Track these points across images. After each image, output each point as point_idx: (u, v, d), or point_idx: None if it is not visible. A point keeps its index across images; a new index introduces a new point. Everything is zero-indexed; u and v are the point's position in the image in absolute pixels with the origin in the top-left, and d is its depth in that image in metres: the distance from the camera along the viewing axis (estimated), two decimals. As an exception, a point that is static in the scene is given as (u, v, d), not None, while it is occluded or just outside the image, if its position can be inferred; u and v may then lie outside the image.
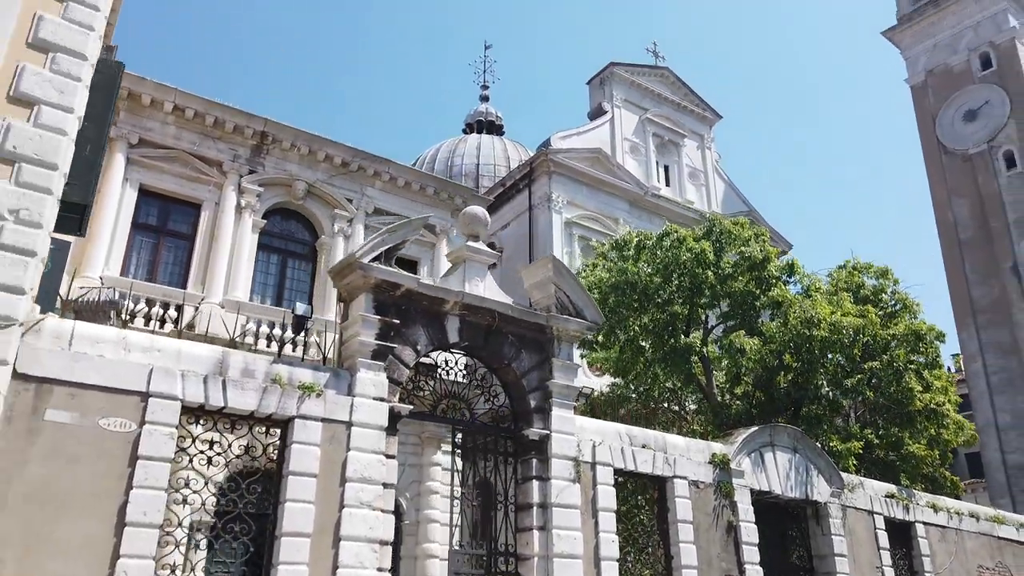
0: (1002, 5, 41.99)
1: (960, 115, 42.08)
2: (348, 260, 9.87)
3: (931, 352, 17.12)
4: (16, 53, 8.40)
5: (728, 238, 17.34)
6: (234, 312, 17.91)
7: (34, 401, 7.55)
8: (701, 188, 39.30)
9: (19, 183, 7.98)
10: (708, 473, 12.30)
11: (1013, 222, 38.68)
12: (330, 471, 8.93)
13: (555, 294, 11.41)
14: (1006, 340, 37.36)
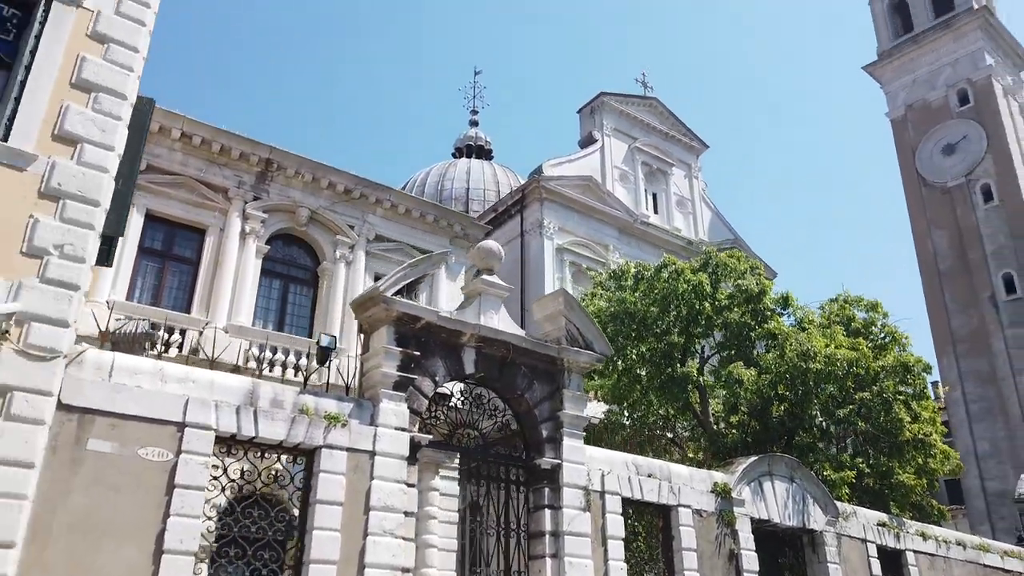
0: (978, 44, 43.40)
1: (939, 149, 43.27)
2: (371, 293, 10.21)
3: (918, 383, 17.70)
4: (60, 93, 8.72)
5: (724, 270, 17.87)
6: (237, 337, 18.12)
7: (77, 431, 7.79)
8: (688, 216, 40.03)
9: (64, 219, 8.27)
10: (711, 502, 12.69)
11: (991, 254, 39.74)
12: (354, 500, 9.20)
13: (565, 327, 11.80)
14: (985, 369, 38.25)
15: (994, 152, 41.03)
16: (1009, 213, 39.72)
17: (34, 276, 7.91)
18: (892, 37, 47.28)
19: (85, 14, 9.18)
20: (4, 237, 7.89)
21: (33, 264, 7.96)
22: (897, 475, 17.00)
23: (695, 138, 42.05)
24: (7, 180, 8.09)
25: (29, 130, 8.38)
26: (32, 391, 7.54)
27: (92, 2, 9.26)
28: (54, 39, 8.85)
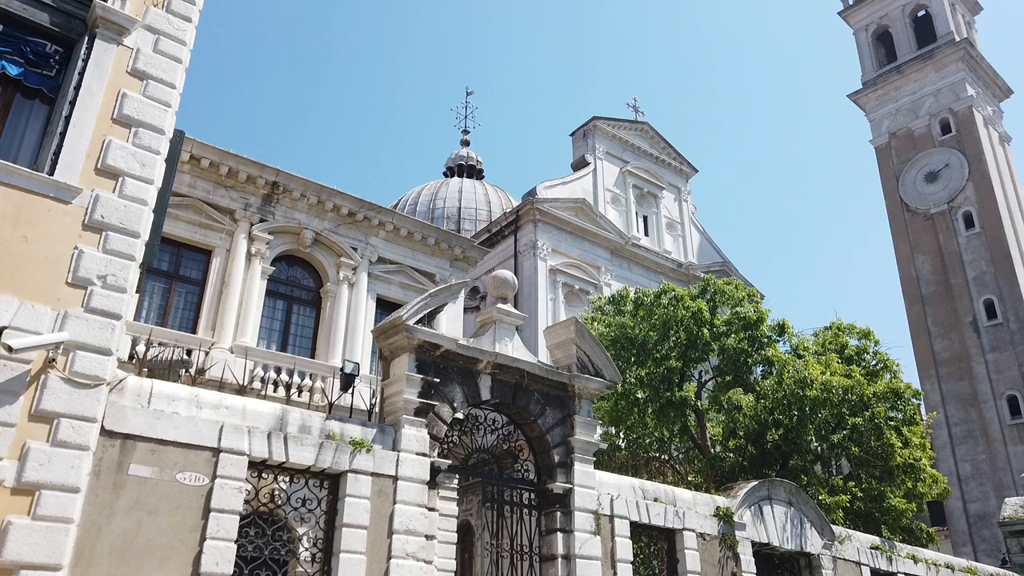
0: (960, 75, 44.57)
1: (922, 176, 44.29)
2: (394, 322, 10.55)
3: (909, 409, 18.23)
4: (103, 128, 9.05)
5: (722, 297, 18.37)
6: (243, 357, 18.34)
7: (119, 456, 8.06)
8: (678, 238, 40.66)
9: (106, 250, 8.58)
10: (713, 526, 13.09)
11: (972, 279, 40.65)
12: (378, 523, 9.50)
13: (576, 354, 12.19)
14: (966, 392, 39.03)
15: (975, 180, 42.08)
16: (990, 240, 40.69)
17: (79, 306, 8.21)
18: (876, 66, 48.43)
19: (125, 51, 9.54)
20: (51, 267, 8.19)
21: (78, 294, 8.25)
22: (889, 499, 17.49)
23: (684, 162, 42.80)
24: (53, 213, 8.40)
25: (74, 164, 8.69)
26: (77, 418, 7.82)
27: (132, 40, 9.62)
28: (96, 75, 9.20)
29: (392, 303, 21.97)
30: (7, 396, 7.51)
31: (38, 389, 7.71)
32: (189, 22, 10.26)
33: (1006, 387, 38.11)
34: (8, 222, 8.07)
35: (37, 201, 8.33)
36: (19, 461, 7.41)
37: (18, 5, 9.11)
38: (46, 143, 8.83)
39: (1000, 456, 37.00)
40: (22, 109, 9.12)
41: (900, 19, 48.10)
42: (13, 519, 7.22)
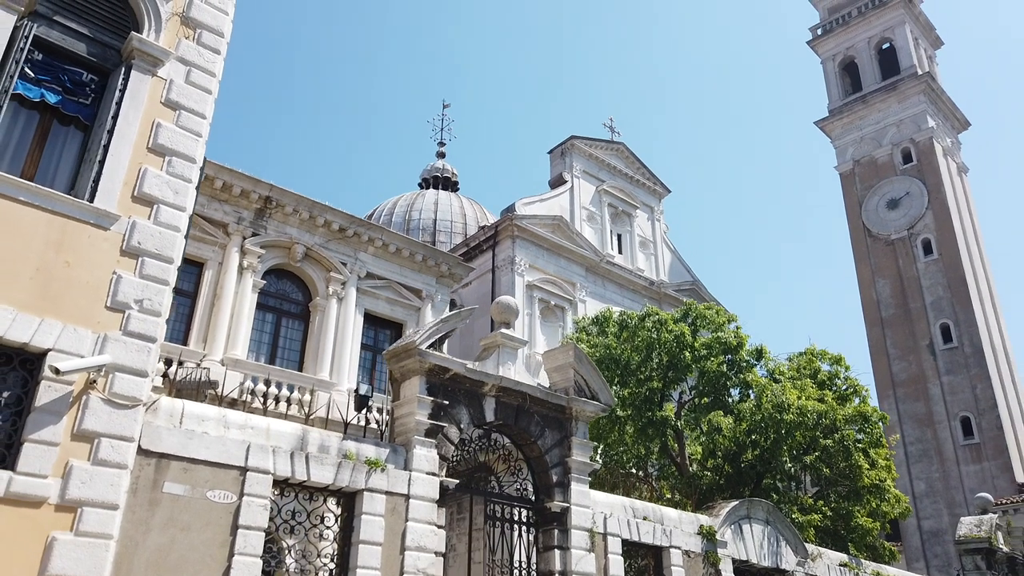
0: (921, 107, 46.39)
1: (884, 203, 45.94)
2: (407, 346, 11.03)
3: (875, 432, 19.20)
4: (139, 157, 9.42)
5: (703, 321, 19.16)
6: (233, 370, 18.59)
7: (155, 475, 8.42)
8: (651, 257, 41.59)
9: (143, 276, 8.95)
10: (697, 543, 13.76)
11: (930, 304, 42.25)
12: (392, 540, 9.96)
13: (574, 378, 12.79)
14: (922, 412, 40.54)
15: (934, 208, 43.79)
16: (947, 266, 42.36)
17: (117, 329, 8.57)
18: (842, 95, 50.12)
19: (159, 82, 9.92)
20: (91, 292, 8.54)
21: (116, 318, 8.61)
22: (856, 518, 18.39)
23: (658, 183, 43.81)
24: (93, 239, 8.75)
25: (112, 191, 9.05)
26: (117, 437, 8.18)
27: (165, 71, 10.01)
28: (132, 106, 9.57)
29: (379, 318, 22.41)
30: (51, 416, 7.85)
31: (80, 410, 8.05)
32: (218, 54, 10.66)
33: (960, 409, 39.66)
34: (52, 247, 8.40)
35: (79, 227, 8.68)
36: (62, 479, 7.75)
37: (57, 35, 9.45)
38: (84, 170, 9.17)
39: (953, 475, 38.49)
40: (58, 135, 9.45)
41: (866, 51, 49.87)
42: (57, 535, 7.55)
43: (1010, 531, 24.21)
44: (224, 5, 10.96)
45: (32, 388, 7.96)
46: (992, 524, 22.53)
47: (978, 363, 39.81)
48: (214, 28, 10.72)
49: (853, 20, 50.69)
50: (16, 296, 8.00)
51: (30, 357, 8.02)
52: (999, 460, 37.56)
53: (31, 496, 7.52)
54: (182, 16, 10.45)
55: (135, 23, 10.06)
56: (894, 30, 49.05)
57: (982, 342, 40.15)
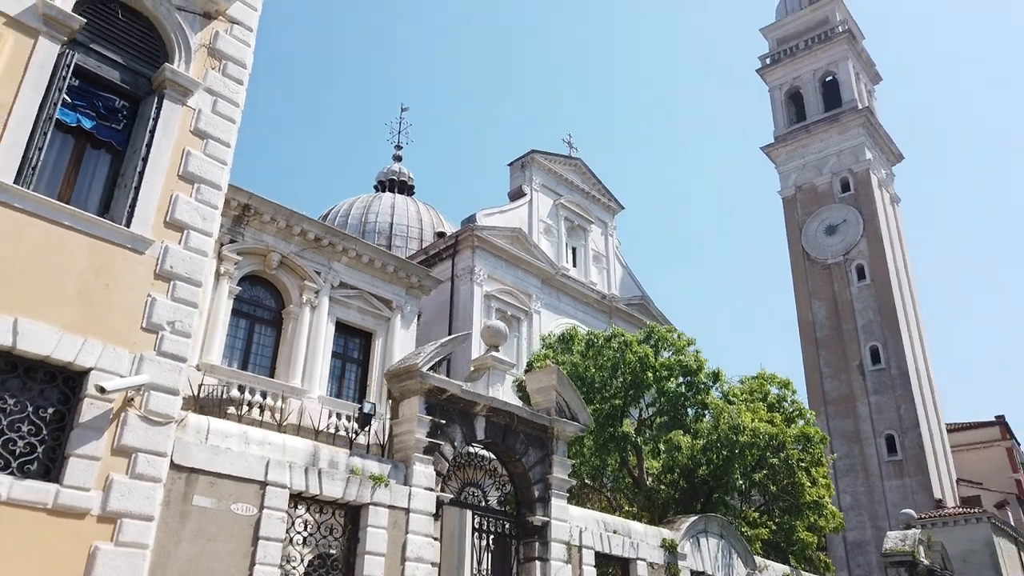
0: (860, 139, 48.97)
1: (822, 229, 48.30)
2: (409, 368, 11.73)
3: (817, 452, 20.67)
4: (171, 184, 9.92)
5: (664, 343, 20.32)
6: (209, 375, 18.86)
7: (185, 488, 8.96)
8: (603, 271, 42.86)
9: (174, 298, 9.47)
10: (660, 556, 14.81)
11: (861, 327, 44.67)
12: (393, 551, 10.67)
13: (556, 399, 13.68)
14: (851, 429, 42.85)
15: (869, 236, 46.30)
16: (878, 292, 44.87)
17: (152, 349, 9.08)
18: (787, 123, 52.45)
19: (189, 112, 10.42)
20: (128, 313, 9.03)
21: (151, 338, 9.12)
22: (797, 532, 19.79)
23: (613, 199, 45.15)
24: (129, 262, 9.23)
25: (146, 217, 9.54)
26: (152, 452, 8.70)
27: (194, 100, 10.51)
28: (165, 134, 10.05)
29: (350, 327, 22.89)
30: (94, 432, 8.33)
31: (119, 426, 8.55)
32: (241, 85, 11.20)
33: (885, 427, 42.10)
34: (93, 271, 8.87)
35: (116, 251, 9.15)
36: (103, 492, 8.24)
37: (93, 63, 9.88)
38: (118, 195, 9.62)
39: (877, 490, 40.85)
40: (90, 159, 9.88)
41: (811, 82, 52.30)
42: (100, 545, 8.05)
43: (930, 545, 26.09)
44: (247, 38, 11.49)
45: (74, 405, 8.42)
46: (915, 539, 24.32)
47: (903, 384, 42.32)
48: (238, 60, 11.24)
49: (800, 52, 53.09)
50: (61, 317, 8.45)
51: (72, 375, 8.49)
52: (919, 477, 40.04)
53: (76, 508, 8.01)
54: (209, 47, 10.95)
55: (165, 53, 10.52)
56: (838, 64, 51.57)
57: (908, 365, 42.68)
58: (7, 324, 8.00)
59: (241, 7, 11.48)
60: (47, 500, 7.84)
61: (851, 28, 52.96)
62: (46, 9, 9.26)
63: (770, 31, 55.95)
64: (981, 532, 34.86)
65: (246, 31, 11.51)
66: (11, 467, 7.86)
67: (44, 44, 9.24)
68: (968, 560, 33.79)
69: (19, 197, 8.50)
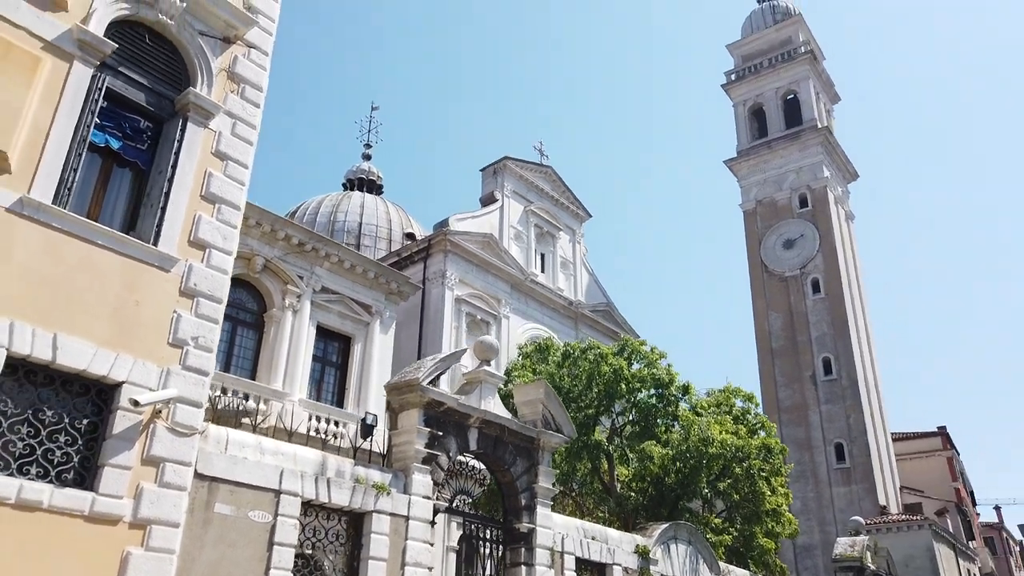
0: (819, 158, 50.76)
1: (781, 242, 49.96)
2: (410, 382, 12.33)
3: (777, 463, 21.79)
4: (194, 204, 10.39)
5: (637, 356, 21.23)
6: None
7: (207, 496, 9.46)
8: (570, 278, 43.75)
9: (198, 315, 9.95)
10: (634, 561, 15.66)
11: (815, 339, 46.38)
12: (394, 557, 11.27)
13: (542, 412, 14.42)
14: (802, 437, 44.50)
15: (824, 251, 48.07)
16: (832, 305, 46.64)
17: (177, 363, 9.56)
18: (750, 139, 54.07)
19: (210, 134, 10.88)
20: (155, 329, 9.49)
21: (176, 353, 9.60)
22: (757, 538, 20.89)
23: (581, 207, 46.09)
24: (156, 280, 9.69)
25: (172, 236, 10.00)
26: (178, 462, 9.19)
27: (215, 123, 10.98)
28: (188, 156, 10.51)
29: (331, 331, 23.31)
30: (126, 443, 8.80)
31: (148, 437, 9.03)
32: (258, 107, 11.68)
33: (834, 436, 43.85)
34: (124, 288, 9.31)
35: (145, 269, 9.60)
36: (134, 500, 8.72)
37: (121, 85, 10.29)
38: (144, 214, 10.06)
39: (825, 496, 42.55)
40: (115, 177, 10.29)
41: (773, 100, 53.98)
42: (131, 550, 8.54)
43: (876, 551, 27.51)
44: (263, 62, 11.97)
45: (106, 416, 8.87)
46: (864, 545, 25.68)
47: (853, 395, 44.11)
48: (255, 83, 11.72)
49: (764, 70, 54.75)
50: (95, 332, 8.89)
51: (105, 388, 8.93)
52: (865, 484, 41.84)
53: (110, 515, 8.47)
54: (228, 71, 11.41)
55: (188, 77, 10.96)
56: (799, 84, 53.34)
57: (858, 376, 44.51)
58: (47, 339, 8.43)
59: (258, 32, 11.95)
60: (84, 508, 8.29)
61: (813, 49, 54.80)
62: (80, 34, 9.65)
63: (736, 48, 57.54)
64: (922, 538, 36.68)
65: (262, 55, 11.98)
66: (50, 476, 8.29)
67: (78, 68, 9.63)
68: (909, 565, 35.56)
69: (57, 217, 8.91)
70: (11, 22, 9.09)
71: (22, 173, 8.78)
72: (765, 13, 57.46)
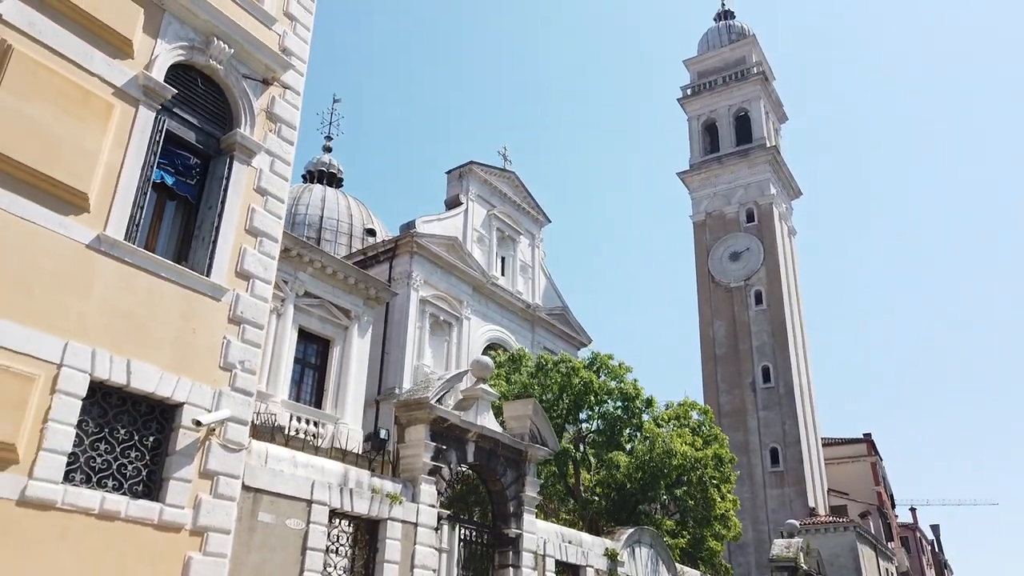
0: (766, 175, 53.28)
1: (727, 254, 52.34)
2: (419, 400, 13.51)
3: (727, 471, 23.67)
4: (240, 237, 11.36)
5: (605, 369, 22.78)
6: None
7: (252, 506, 10.52)
8: (529, 281, 45.17)
9: (244, 340, 10.96)
10: (603, 563, 17.18)
11: (756, 347, 48.90)
12: (405, 560, 12.50)
13: (530, 427, 15.78)
14: (741, 441, 46.91)
15: (768, 265, 50.63)
16: (772, 317, 49.22)
17: (227, 385, 10.57)
18: (703, 153, 56.31)
19: (252, 171, 11.85)
20: (209, 354, 10.48)
21: (226, 376, 10.61)
22: (707, 541, 22.73)
23: (541, 212, 47.49)
24: (209, 308, 10.67)
25: (221, 267, 10.98)
26: (229, 475, 10.23)
27: (256, 161, 11.94)
28: (235, 192, 11.48)
29: (312, 335, 24.18)
30: (186, 458, 9.81)
31: (204, 453, 10.04)
32: (292, 145, 12.67)
33: (770, 440, 46.47)
34: (183, 317, 10.28)
35: (200, 299, 10.57)
36: (194, 510, 9.74)
37: (175, 125, 11.18)
38: (196, 246, 11.00)
39: (760, 497, 45.13)
40: (167, 211, 11.18)
41: (726, 116, 56.31)
42: (192, 555, 9.57)
43: (808, 551, 29.81)
44: (296, 102, 12.94)
45: (168, 434, 9.86)
46: (798, 547, 27.89)
47: (789, 402, 46.78)
48: (289, 122, 12.70)
49: (718, 87, 57.02)
50: (160, 358, 9.86)
51: (167, 408, 9.91)
52: (797, 487, 44.54)
53: (175, 523, 9.49)
54: (267, 112, 12.37)
55: (232, 117, 11.88)
56: (751, 103, 55.76)
57: (794, 384, 47.19)
58: (122, 365, 9.37)
59: (293, 74, 12.91)
60: (154, 517, 9.30)
61: (765, 70, 57.30)
62: (145, 81, 10.52)
63: (693, 64, 59.68)
64: (847, 539, 39.47)
65: (295, 95, 12.95)
66: (123, 488, 9.26)
67: (143, 112, 10.51)
68: (834, 564, 38.26)
69: (129, 252, 9.83)
70: (87, 70, 9.92)
71: (98, 212, 9.66)
72: (721, 32, 59.72)
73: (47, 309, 8.82)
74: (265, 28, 12.61)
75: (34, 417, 8.43)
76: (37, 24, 9.46)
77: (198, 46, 11.42)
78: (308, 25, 13.54)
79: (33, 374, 8.48)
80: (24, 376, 8.39)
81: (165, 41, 10.97)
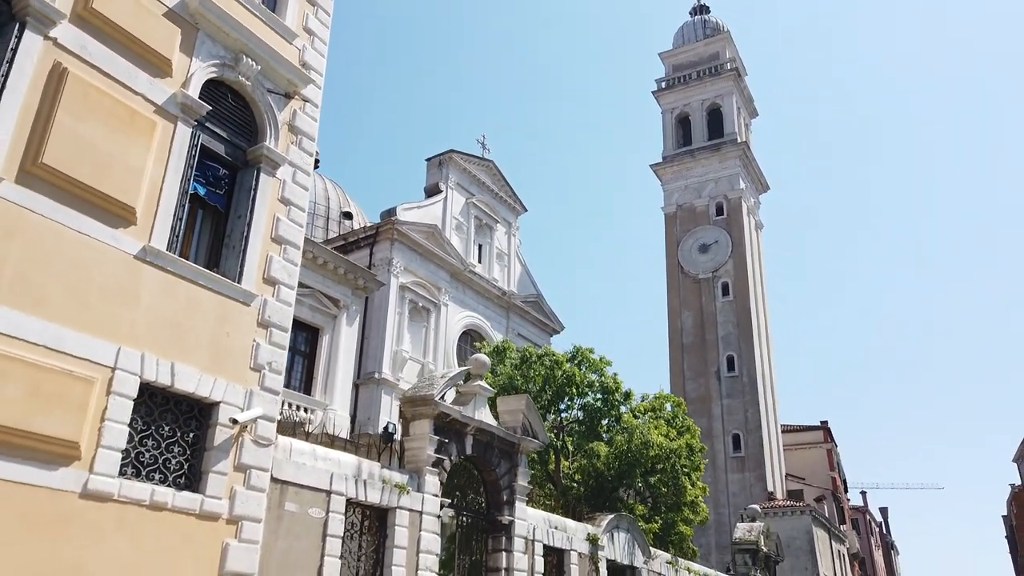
0: (736, 170, 54.76)
1: (697, 246, 53.82)
2: (425, 397, 14.44)
3: (696, 460, 25.05)
4: (266, 245, 12.12)
5: (586, 362, 23.92)
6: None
7: (279, 497, 11.39)
8: (504, 269, 46.10)
9: (271, 343, 11.77)
10: (586, 547, 18.37)
11: (721, 337, 50.58)
12: (411, 545, 13.49)
13: (522, 421, 16.81)
14: (705, 427, 48.57)
15: (735, 258, 52.25)
16: (738, 308, 50.92)
17: (257, 385, 11.39)
18: (675, 145, 57.59)
19: (277, 182, 12.58)
20: (240, 355, 11.29)
21: (256, 376, 11.42)
22: (677, 526, 24.13)
23: (518, 201, 48.34)
24: (240, 313, 11.45)
25: (251, 274, 11.75)
26: (259, 469, 11.08)
27: (280, 172, 12.67)
28: (262, 202, 12.21)
29: (303, 324, 24.88)
30: (223, 453, 10.64)
31: (238, 448, 10.87)
32: (311, 156, 13.40)
33: (733, 427, 48.31)
34: (218, 321, 11.05)
35: (233, 304, 11.34)
36: (229, 500, 10.59)
37: (206, 139, 11.86)
38: (227, 254, 11.74)
39: (721, 481, 46.98)
40: (197, 220, 11.89)
41: (699, 111, 57.60)
42: (229, 542, 10.44)
43: (768, 535, 31.50)
44: (315, 114, 13.65)
45: (205, 431, 10.67)
46: (760, 530, 29.53)
47: (752, 391, 48.62)
48: (309, 134, 13.42)
49: (692, 82, 58.23)
50: (199, 360, 10.64)
51: (205, 407, 10.71)
52: (757, 472, 46.47)
53: (214, 513, 10.34)
54: (289, 125, 13.07)
55: (258, 130, 12.58)
56: (723, 98, 57.11)
57: (757, 374, 49.02)
58: (167, 368, 10.15)
59: (312, 88, 13.61)
60: (196, 507, 10.13)
61: (738, 67, 58.62)
62: (183, 99, 11.19)
63: (668, 57, 60.76)
64: (803, 522, 41.47)
65: (314, 108, 13.66)
66: (168, 481, 10.08)
67: (181, 128, 11.18)
68: (791, 546, 40.21)
69: (171, 262, 10.56)
70: (132, 89, 10.57)
71: (143, 224, 10.37)
72: (696, 26, 60.84)
73: (101, 317, 9.56)
74: (287, 43, 13.28)
75: (93, 417, 9.19)
76: (88, 47, 10.08)
77: (228, 63, 12.07)
78: (325, 39, 14.22)
79: (92, 377, 9.23)
80: (85, 379, 9.14)
81: (199, 59, 11.61)
